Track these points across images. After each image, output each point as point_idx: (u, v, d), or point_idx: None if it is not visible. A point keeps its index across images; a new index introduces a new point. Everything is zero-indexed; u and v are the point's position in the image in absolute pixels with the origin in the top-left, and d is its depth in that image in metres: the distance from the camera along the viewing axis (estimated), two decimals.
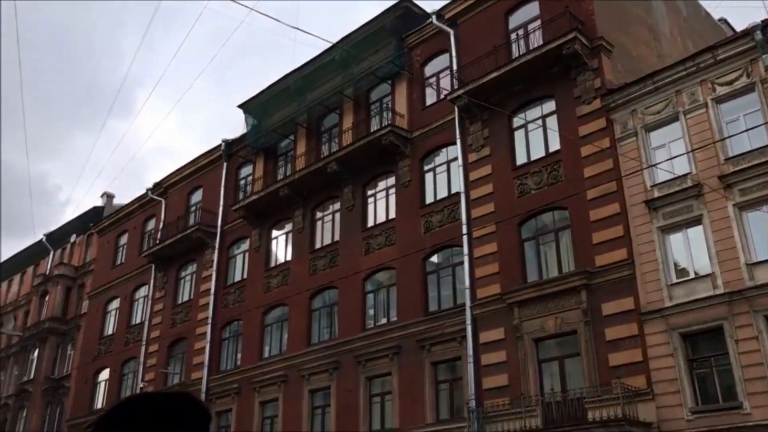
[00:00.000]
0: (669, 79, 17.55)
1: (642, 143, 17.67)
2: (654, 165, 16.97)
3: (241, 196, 28.73)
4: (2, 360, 41.58)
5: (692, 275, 16.13)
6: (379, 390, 21.60)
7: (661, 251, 16.54)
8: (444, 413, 19.81)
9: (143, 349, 30.29)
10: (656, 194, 16.98)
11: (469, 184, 21.06)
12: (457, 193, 21.32)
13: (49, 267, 40.48)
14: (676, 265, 16.53)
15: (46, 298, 38.48)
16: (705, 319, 15.38)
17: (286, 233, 26.84)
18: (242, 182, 29.81)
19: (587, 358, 16.91)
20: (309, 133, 27.20)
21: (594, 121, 18.76)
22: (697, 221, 16.26)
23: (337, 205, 25.18)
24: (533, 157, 19.90)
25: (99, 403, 32.22)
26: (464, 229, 20.50)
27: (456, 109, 21.70)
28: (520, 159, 20.24)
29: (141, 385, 28.79)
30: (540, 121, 19.89)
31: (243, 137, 29.57)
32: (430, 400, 19.93)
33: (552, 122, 19.75)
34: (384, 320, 22.32)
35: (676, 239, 16.61)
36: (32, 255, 43.04)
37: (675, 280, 16.24)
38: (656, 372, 15.75)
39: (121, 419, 1.01)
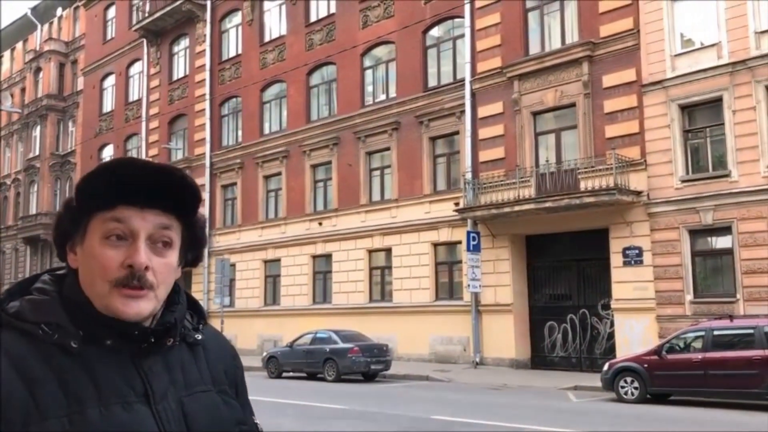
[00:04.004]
0: None
1: None
2: None
3: None
4: (5, 137, 42.17)
5: (698, 45, 15.82)
6: (379, 164, 22.14)
7: (669, 20, 16.02)
8: (441, 185, 20.50)
9: (144, 125, 30.53)
10: None
11: None
12: None
13: (38, 43, 39.43)
14: (682, 35, 16.11)
15: (40, 75, 37.98)
16: (705, 90, 15.35)
17: (280, 5, 25.74)
18: None
19: (584, 130, 17.11)
20: None
21: None
22: None
23: None
24: None
25: None
26: None
27: None
28: None
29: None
30: None
31: None
32: (427, 173, 20.52)
33: None
34: (383, 96, 22.23)
35: (685, 6, 15.99)
36: (19, 30, 41.71)
37: (679, 51, 15.94)
38: (651, 143, 16.05)
39: (109, 177, 0.96)
